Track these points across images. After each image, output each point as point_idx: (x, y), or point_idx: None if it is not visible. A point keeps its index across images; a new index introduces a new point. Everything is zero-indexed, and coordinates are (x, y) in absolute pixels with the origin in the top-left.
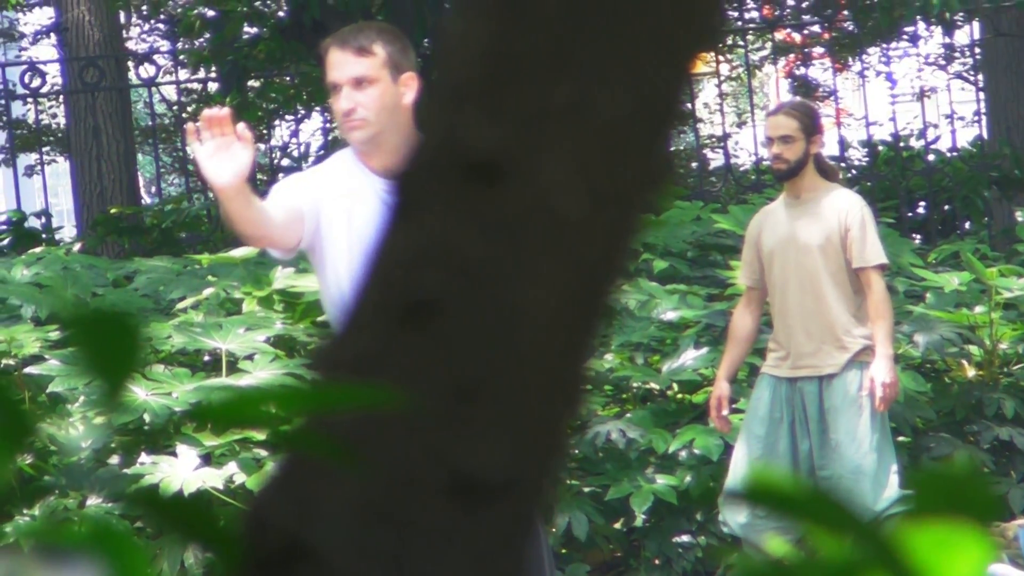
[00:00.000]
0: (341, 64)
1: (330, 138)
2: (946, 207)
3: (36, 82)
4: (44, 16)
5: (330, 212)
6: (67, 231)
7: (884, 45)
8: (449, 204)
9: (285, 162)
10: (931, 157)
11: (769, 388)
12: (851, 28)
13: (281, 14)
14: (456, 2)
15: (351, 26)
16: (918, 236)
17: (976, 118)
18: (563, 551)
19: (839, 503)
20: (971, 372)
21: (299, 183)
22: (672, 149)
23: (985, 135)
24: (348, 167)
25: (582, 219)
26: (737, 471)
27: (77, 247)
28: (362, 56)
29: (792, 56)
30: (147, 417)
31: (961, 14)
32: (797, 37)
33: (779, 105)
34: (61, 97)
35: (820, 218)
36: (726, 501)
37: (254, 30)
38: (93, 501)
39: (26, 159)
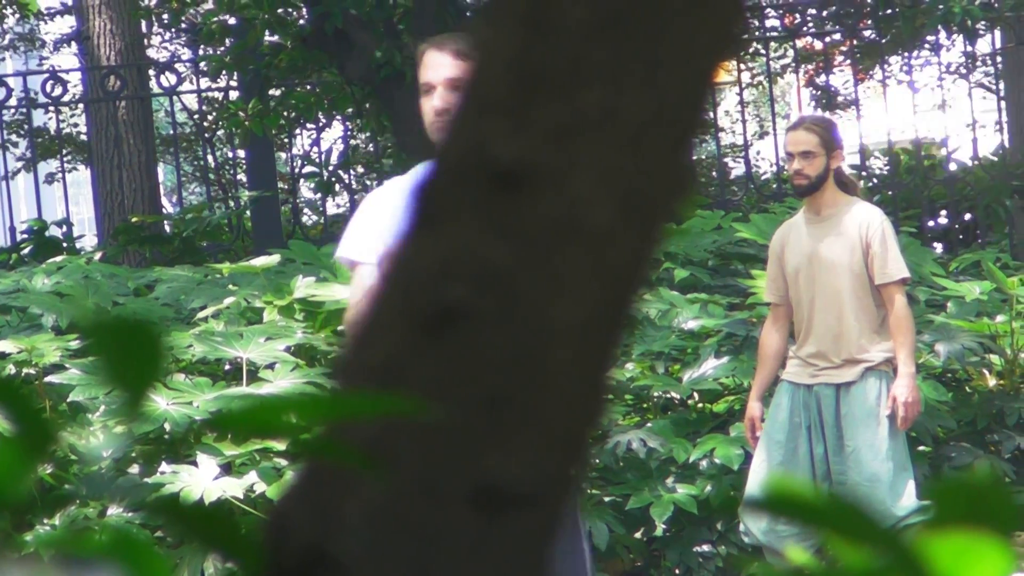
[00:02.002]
0: (438, 65)
1: (350, 146)
2: (967, 216)
3: (57, 90)
4: (65, 25)
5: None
6: (88, 240)
7: (906, 54)
8: (475, 213)
9: (306, 169)
10: (953, 166)
11: (788, 394)
12: (873, 37)
13: (303, 22)
14: (481, 12)
15: (450, 32)
16: (939, 245)
17: (998, 127)
18: None
19: (859, 511)
20: (992, 381)
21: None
22: (694, 158)
23: (1007, 144)
24: None
25: (607, 228)
26: (757, 477)
27: (98, 256)
28: (459, 59)
29: (813, 65)
30: (168, 426)
31: (983, 23)
32: (818, 45)
33: (798, 120)
34: (82, 106)
35: (842, 234)
36: (746, 508)
37: (275, 38)
38: (113, 510)
39: (46, 167)
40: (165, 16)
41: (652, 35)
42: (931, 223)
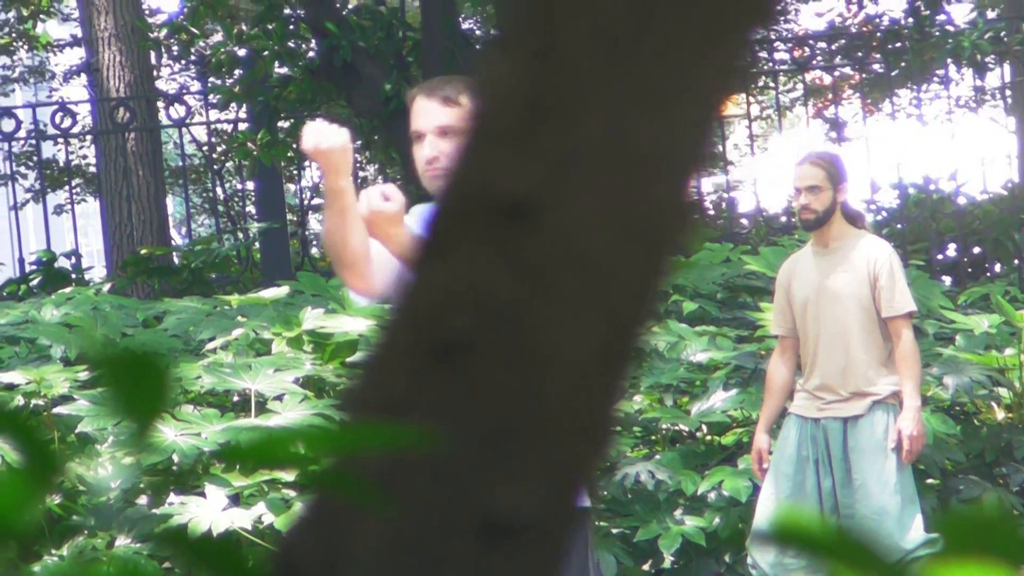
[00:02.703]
0: (427, 112)
1: (359, 178)
2: (976, 249)
3: (67, 122)
4: (75, 56)
5: None
6: (97, 271)
7: (915, 87)
8: (481, 245)
9: (315, 201)
10: (961, 199)
11: (796, 427)
12: (882, 70)
13: (312, 55)
14: (487, 44)
15: (440, 77)
16: (948, 278)
17: (1007, 160)
18: None
19: (867, 544)
20: (1001, 414)
21: None
22: (702, 191)
23: (1016, 178)
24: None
25: (613, 260)
26: (765, 510)
27: (107, 287)
28: (448, 106)
29: (823, 98)
30: (176, 457)
31: (992, 57)
32: (828, 79)
33: (805, 156)
34: (91, 137)
35: (850, 268)
36: (754, 541)
37: (284, 70)
38: (122, 541)
39: (55, 198)
40: (174, 48)
41: (658, 67)
42: (940, 256)
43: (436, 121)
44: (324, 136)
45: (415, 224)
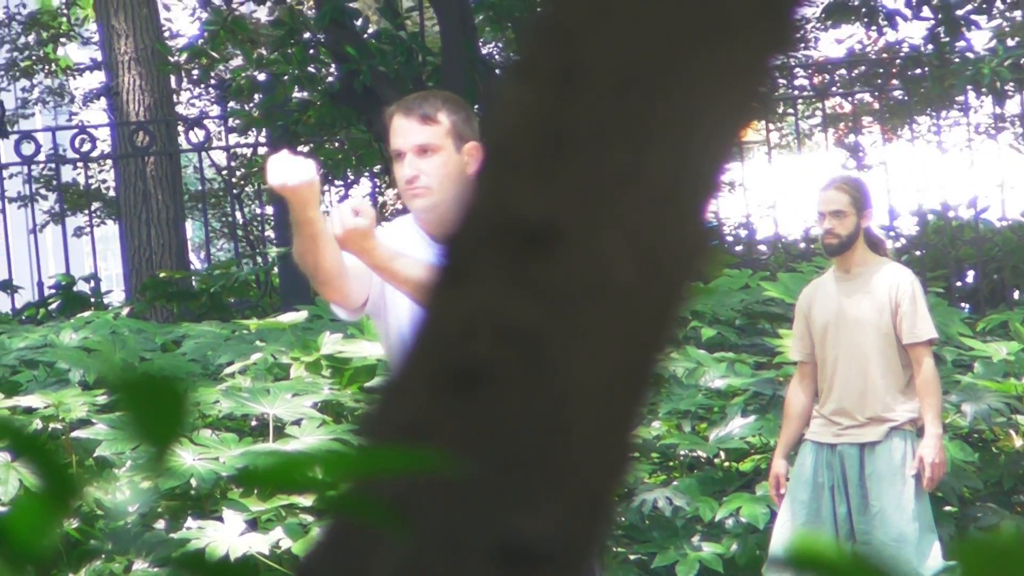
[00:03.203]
0: (405, 131)
1: (379, 203)
2: (995, 276)
3: (86, 146)
4: (95, 80)
5: None
6: (116, 295)
7: (935, 114)
8: (500, 270)
9: None
10: (980, 226)
11: (812, 453)
12: (902, 97)
13: (331, 79)
14: (508, 70)
15: (416, 94)
16: (967, 305)
17: None
18: None
19: (886, 571)
20: (1019, 442)
21: None
22: (721, 216)
23: None
24: (411, 234)
25: (632, 286)
26: (781, 537)
27: (126, 311)
28: (426, 124)
29: (842, 124)
30: (194, 482)
31: (1012, 83)
32: (847, 105)
33: (830, 181)
34: (111, 161)
35: (871, 293)
36: (771, 567)
37: (304, 94)
38: (139, 566)
39: (74, 221)
40: (194, 72)
41: (677, 95)
42: (958, 283)
43: (415, 140)
44: (291, 172)
45: (389, 236)
